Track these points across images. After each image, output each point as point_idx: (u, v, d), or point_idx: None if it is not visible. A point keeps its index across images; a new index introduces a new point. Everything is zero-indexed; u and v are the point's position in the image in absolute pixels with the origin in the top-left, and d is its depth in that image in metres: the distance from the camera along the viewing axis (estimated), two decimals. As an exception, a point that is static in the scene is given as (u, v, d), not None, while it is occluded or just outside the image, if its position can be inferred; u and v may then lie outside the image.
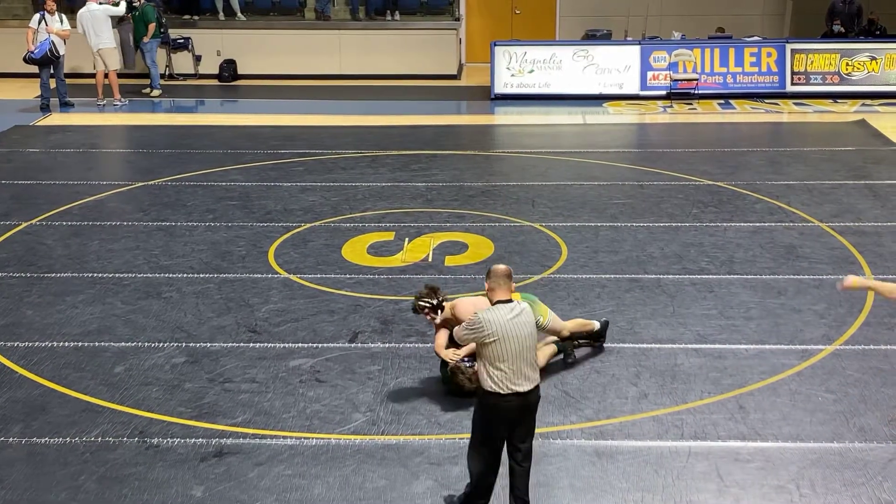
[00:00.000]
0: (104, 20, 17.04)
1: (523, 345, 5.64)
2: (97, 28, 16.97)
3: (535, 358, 5.76)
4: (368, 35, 20.31)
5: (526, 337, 5.66)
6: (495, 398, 5.61)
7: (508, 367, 5.60)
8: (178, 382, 7.44)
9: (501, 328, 5.60)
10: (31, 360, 7.80)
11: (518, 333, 5.63)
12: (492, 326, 5.61)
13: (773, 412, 6.98)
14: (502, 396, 5.59)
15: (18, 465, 6.37)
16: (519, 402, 5.63)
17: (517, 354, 5.61)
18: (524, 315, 5.71)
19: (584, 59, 18.08)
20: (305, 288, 9.19)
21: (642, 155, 14.25)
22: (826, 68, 18.08)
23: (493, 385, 5.60)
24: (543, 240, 10.44)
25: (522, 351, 5.63)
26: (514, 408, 5.63)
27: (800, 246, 10.20)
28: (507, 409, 5.62)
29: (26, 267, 9.75)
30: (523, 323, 5.68)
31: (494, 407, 5.63)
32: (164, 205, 11.68)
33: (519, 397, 5.62)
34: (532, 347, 5.71)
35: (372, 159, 13.73)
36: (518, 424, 5.71)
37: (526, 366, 5.65)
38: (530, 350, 5.69)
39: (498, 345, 5.59)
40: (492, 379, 5.61)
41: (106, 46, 17.10)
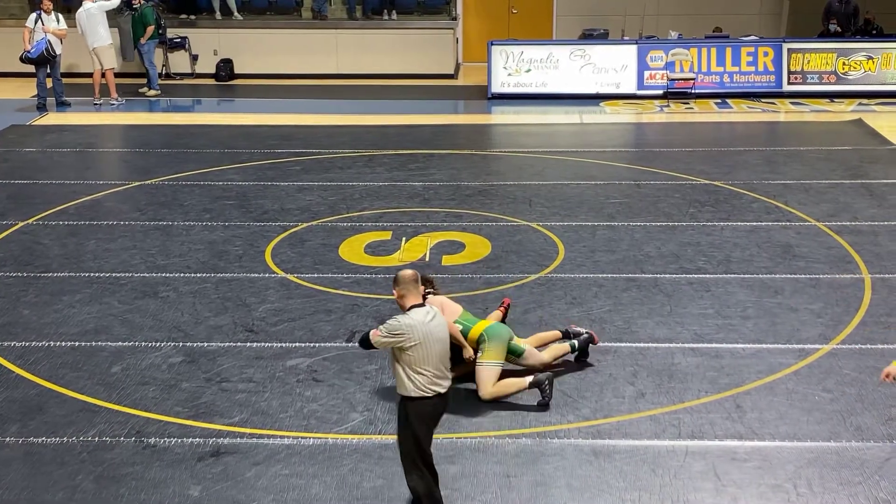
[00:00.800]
0: (99, 18, 17.02)
1: (443, 346, 5.76)
2: (92, 27, 16.95)
3: (447, 360, 5.83)
4: (365, 34, 20.30)
5: (444, 339, 5.79)
6: (421, 403, 5.68)
7: (431, 370, 5.69)
8: (175, 382, 7.44)
9: (421, 332, 5.67)
10: (27, 359, 7.80)
11: (437, 336, 5.74)
12: (413, 331, 5.65)
13: (770, 411, 6.99)
14: (428, 399, 5.68)
15: (15, 465, 6.37)
16: (442, 402, 5.76)
17: (438, 356, 5.71)
18: (438, 317, 5.83)
19: (581, 59, 18.08)
20: (302, 287, 9.19)
21: (639, 154, 14.26)
22: (823, 68, 18.10)
23: (416, 390, 5.67)
24: (540, 239, 10.44)
25: (442, 353, 5.74)
26: (439, 408, 5.77)
27: (797, 245, 10.21)
28: (434, 411, 5.74)
29: (23, 266, 9.74)
30: (439, 325, 5.79)
31: (422, 413, 5.70)
32: (160, 204, 11.68)
33: (441, 398, 5.74)
34: (448, 349, 5.82)
35: (369, 159, 13.73)
36: (436, 426, 5.85)
37: (444, 367, 5.77)
38: (447, 351, 5.80)
39: (420, 349, 5.65)
40: (414, 383, 5.68)
41: (101, 45, 17.07)
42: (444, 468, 6.31)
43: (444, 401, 5.77)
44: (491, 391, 7.11)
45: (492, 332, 7.25)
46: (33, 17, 16.52)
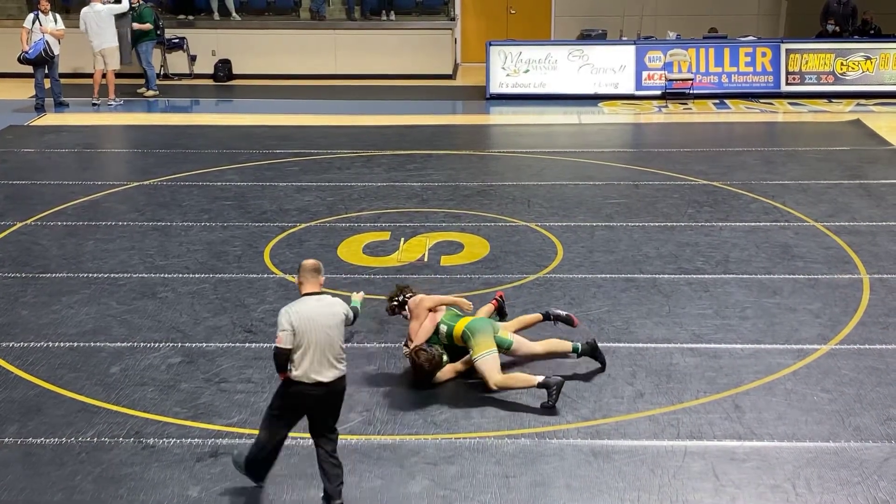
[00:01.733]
0: (108, 20, 17.02)
1: (327, 335, 5.78)
2: (101, 28, 16.95)
3: (340, 349, 5.86)
4: (364, 35, 20.30)
5: (331, 327, 5.81)
6: (299, 386, 5.79)
7: (311, 357, 5.74)
8: (174, 383, 7.44)
9: (302, 320, 5.76)
10: (26, 360, 7.79)
11: (322, 324, 5.78)
12: (291, 317, 5.78)
13: (769, 412, 6.99)
14: (306, 385, 5.77)
15: (14, 466, 6.36)
16: (322, 391, 5.80)
17: (320, 344, 5.76)
18: (332, 307, 5.88)
19: (580, 59, 18.09)
20: (301, 288, 9.18)
21: (637, 155, 14.27)
22: (821, 68, 18.11)
23: (297, 374, 5.76)
24: (539, 239, 10.45)
25: (326, 340, 5.77)
26: (318, 396, 5.81)
27: (795, 245, 10.22)
28: (311, 398, 5.81)
29: (21, 267, 9.73)
30: (329, 314, 5.83)
31: (298, 395, 5.82)
32: (159, 205, 11.67)
33: (322, 387, 5.79)
34: (337, 338, 5.84)
35: (367, 159, 13.73)
36: (324, 413, 5.90)
37: (331, 356, 5.80)
38: (334, 341, 5.82)
39: (299, 336, 5.74)
40: (297, 367, 5.75)
41: (109, 46, 17.09)
42: (443, 468, 6.32)
43: (326, 389, 5.82)
44: (498, 379, 7.13)
45: (474, 327, 7.33)
46: (31, 18, 16.50)
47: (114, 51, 17.23)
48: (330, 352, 5.80)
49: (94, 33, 16.96)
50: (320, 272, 6.01)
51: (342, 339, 5.90)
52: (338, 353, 5.85)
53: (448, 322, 7.44)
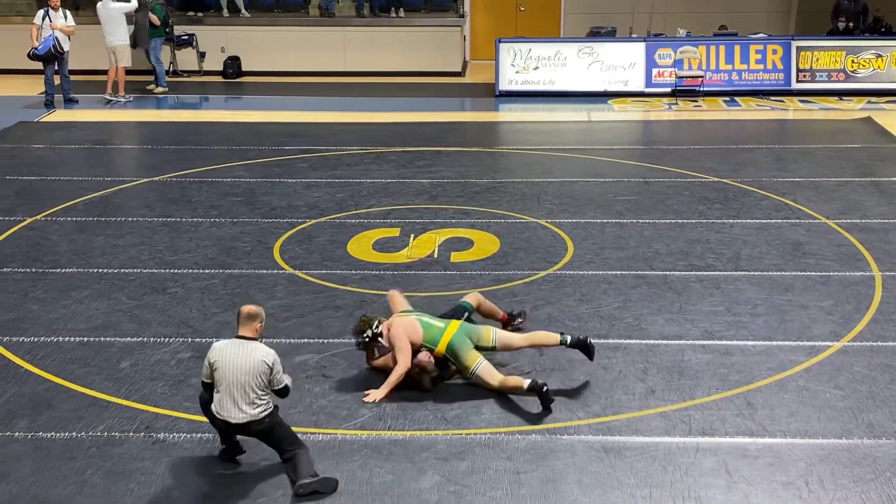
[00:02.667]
0: (119, 18, 17.05)
1: (238, 380, 5.98)
2: (112, 25, 17.00)
3: (255, 395, 6.02)
4: (373, 32, 20.29)
5: (245, 373, 5.99)
6: (217, 418, 6.12)
7: (221, 395, 6.04)
8: (184, 377, 7.42)
9: (223, 358, 6.03)
10: (36, 354, 7.79)
11: (237, 367, 5.99)
12: (215, 354, 6.07)
13: (781, 408, 6.95)
14: (217, 417, 6.10)
15: (24, 460, 6.35)
16: (229, 427, 6.11)
17: (230, 385, 5.99)
18: (252, 354, 6.04)
19: (589, 56, 18.07)
20: (311, 283, 9.17)
21: (647, 152, 14.23)
22: (831, 65, 18.06)
23: (214, 406, 6.11)
24: (549, 236, 10.42)
25: (235, 385, 5.98)
26: (234, 429, 6.11)
27: (806, 243, 10.18)
28: (229, 429, 6.13)
29: (31, 262, 9.73)
30: (247, 360, 6.02)
31: (219, 424, 6.17)
32: (168, 201, 11.67)
33: (228, 425, 6.08)
34: (248, 385, 5.99)
35: (376, 156, 13.72)
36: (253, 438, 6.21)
37: (240, 399, 6.00)
38: (244, 386, 5.99)
39: (217, 372, 6.03)
40: (215, 401, 6.10)
41: (120, 43, 17.12)
42: (454, 464, 6.30)
43: (233, 428, 6.08)
44: (499, 381, 7.09)
45: (452, 348, 7.19)
46: (41, 14, 16.53)
47: (124, 48, 17.26)
48: (240, 395, 5.98)
49: (106, 30, 16.99)
50: (256, 318, 6.17)
51: (258, 386, 6.01)
52: (250, 398, 6.00)
53: (429, 344, 7.26)
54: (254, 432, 6.09)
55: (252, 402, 6.01)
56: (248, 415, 6.01)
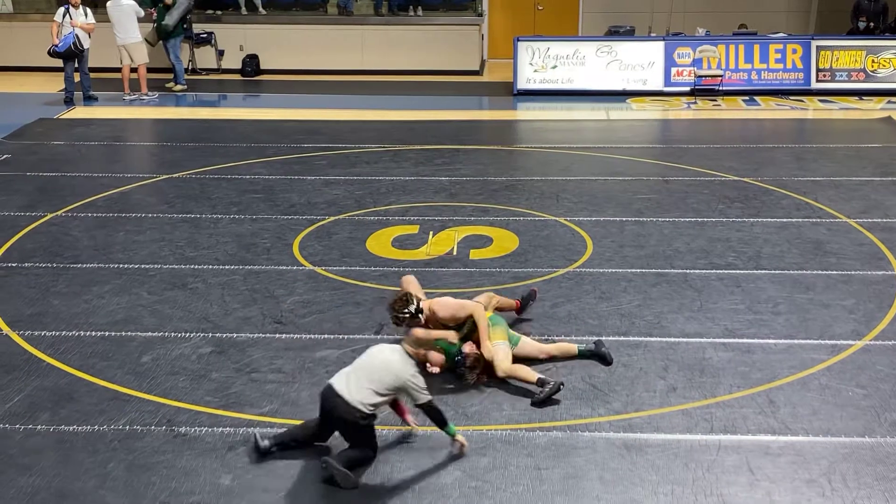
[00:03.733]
0: (131, 15, 17.10)
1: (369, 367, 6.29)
2: (123, 23, 17.03)
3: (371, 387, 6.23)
4: (391, 31, 20.30)
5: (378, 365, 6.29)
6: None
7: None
8: (205, 372, 7.45)
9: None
10: (58, 348, 7.83)
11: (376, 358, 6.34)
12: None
13: (804, 406, 6.92)
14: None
15: (47, 453, 6.39)
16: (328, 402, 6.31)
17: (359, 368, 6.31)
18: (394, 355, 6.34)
19: (608, 55, 18.02)
20: (330, 280, 9.18)
21: (667, 150, 14.19)
22: (851, 65, 17.97)
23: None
24: (568, 234, 10.40)
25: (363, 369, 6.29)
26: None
27: (828, 242, 10.13)
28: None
29: (53, 257, 9.78)
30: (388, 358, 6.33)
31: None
32: (188, 197, 11.71)
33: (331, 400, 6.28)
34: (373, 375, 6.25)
35: (395, 153, 13.72)
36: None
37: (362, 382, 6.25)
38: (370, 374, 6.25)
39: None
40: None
41: (132, 41, 17.16)
42: (475, 460, 6.30)
43: (327, 391, 6.28)
44: (506, 367, 7.17)
45: (492, 319, 7.45)
46: (61, 12, 16.60)
47: (138, 46, 17.31)
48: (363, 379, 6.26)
49: (117, 28, 17.06)
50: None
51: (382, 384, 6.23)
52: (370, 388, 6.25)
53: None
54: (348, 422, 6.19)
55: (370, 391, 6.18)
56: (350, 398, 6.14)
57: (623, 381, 7.31)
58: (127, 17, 17.05)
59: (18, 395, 7.08)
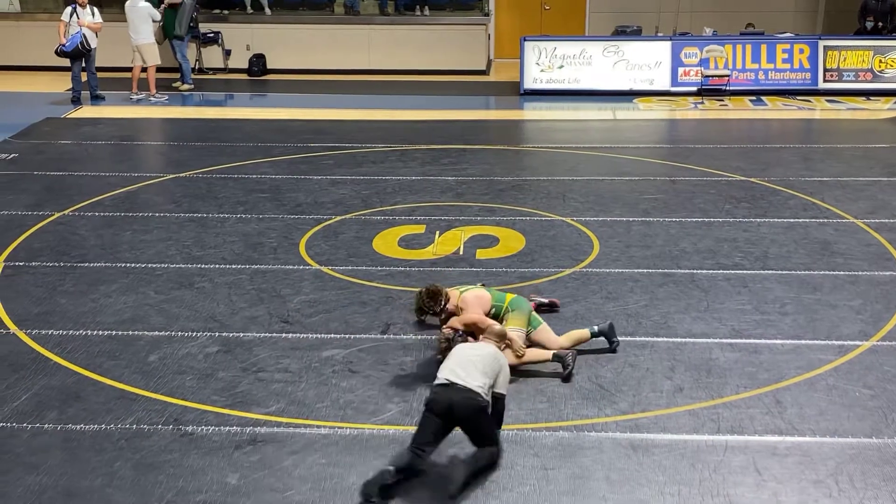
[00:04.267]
0: (145, 17, 17.16)
1: (467, 357, 6.37)
2: (137, 24, 17.11)
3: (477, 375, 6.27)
4: (397, 30, 20.32)
5: (475, 354, 6.37)
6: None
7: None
8: (212, 371, 7.46)
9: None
10: (65, 347, 7.85)
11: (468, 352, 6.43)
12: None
13: (811, 407, 6.92)
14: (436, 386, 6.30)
15: (54, 451, 6.41)
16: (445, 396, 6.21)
17: (459, 360, 6.33)
18: (485, 347, 6.52)
19: (615, 55, 18.02)
20: (337, 279, 9.19)
21: (673, 151, 14.19)
22: (859, 65, 17.96)
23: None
24: (575, 234, 10.40)
25: (462, 359, 6.34)
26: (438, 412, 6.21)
27: (835, 242, 10.12)
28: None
29: (60, 256, 9.81)
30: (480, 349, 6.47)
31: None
32: (195, 196, 11.73)
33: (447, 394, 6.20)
34: (475, 363, 6.32)
35: (401, 153, 13.74)
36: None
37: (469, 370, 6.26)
38: (472, 362, 6.31)
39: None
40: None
41: (144, 42, 17.22)
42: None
43: (443, 391, 6.18)
44: (524, 354, 7.30)
45: (514, 303, 7.52)
46: (68, 11, 16.64)
47: (150, 46, 17.35)
48: (469, 368, 6.31)
49: (131, 28, 17.10)
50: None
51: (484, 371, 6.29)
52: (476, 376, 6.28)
53: (496, 301, 7.54)
54: (467, 415, 6.14)
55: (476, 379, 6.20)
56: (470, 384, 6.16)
57: (630, 381, 7.30)
58: (141, 18, 17.11)
59: (26, 394, 7.10)
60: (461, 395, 6.10)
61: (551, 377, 7.33)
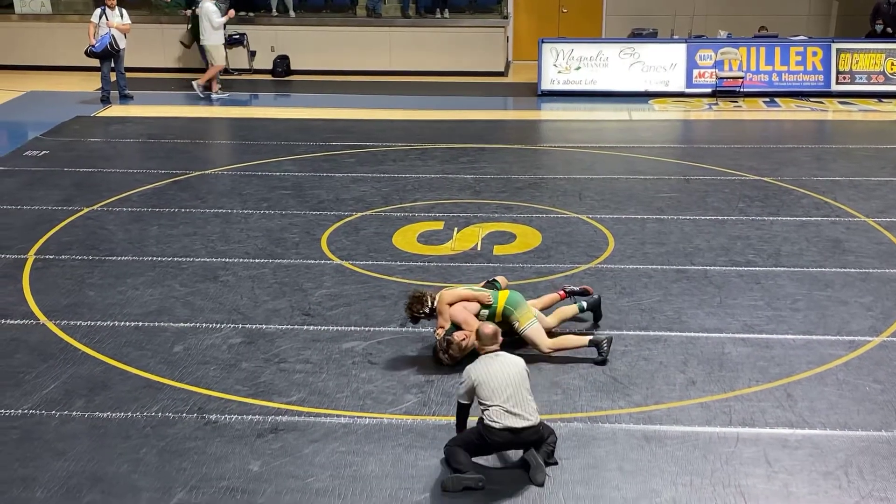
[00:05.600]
0: (208, 19, 17.42)
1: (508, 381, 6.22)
2: (204, 25, 17.41)
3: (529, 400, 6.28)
4: (418, 32, 20.46)
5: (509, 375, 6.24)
6: (488, 430, 6.20)
7: (498, 403, 6.20)
8: (235, 362, 7.63)
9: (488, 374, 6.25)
10: (93, 338, 8.03)
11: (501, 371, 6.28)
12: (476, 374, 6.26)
13: (821, 401, 7.03)
14: (494, 429, 6.16)
15: (81, 438, 6.57)
16: (509, 436, 6.20)
17: (504, 391, 6.20)
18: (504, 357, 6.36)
19: (631, 57, 18.13)
20: (357, 274, 9.36)
21: (688, 150, 14.29)
22: (871, 68, 18.01)
23: (487, 420, 6.18)
24: (590, 231, 10.54)
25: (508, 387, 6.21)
26: (503, 439, 6.23)
27: (846, 240, 10.22)
28: (495, 441, 6.26)
29: (88, 250, 10.01)
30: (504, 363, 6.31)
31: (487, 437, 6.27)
32: (220, 193, 11.93)
33: (511, 432, 6.17)
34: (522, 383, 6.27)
35: (421, 152, 13.90)
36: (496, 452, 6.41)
37: (517, 402, 6.20)
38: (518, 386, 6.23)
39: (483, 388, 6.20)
40: (484, 414, 6.20)
41: (210, 43, 17.55)
42: (497, 448, 6.45)
43: (513, 435, 6.12)
44: (549, 344, 7.54)
45: (513, 302, 7.67)
46: (98, 13, 16.85)
47: (216, 48, 17.62)
48: (516, 399, 6.23)
49: (201, 29, 17.40)
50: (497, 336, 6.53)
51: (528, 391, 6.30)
52: (527, 398, 6.28)
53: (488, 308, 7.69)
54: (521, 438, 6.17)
55: (527, 401, 6.20)
56: (530, 419, 6.13)
57: (643, 374, 7.44)
58: (204, 20, 17.39)
59: (54, 383, 7.29)
60: (536, 431, 6.17)
61: (566, 370, 7.47)
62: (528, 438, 6.14)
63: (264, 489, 6.04)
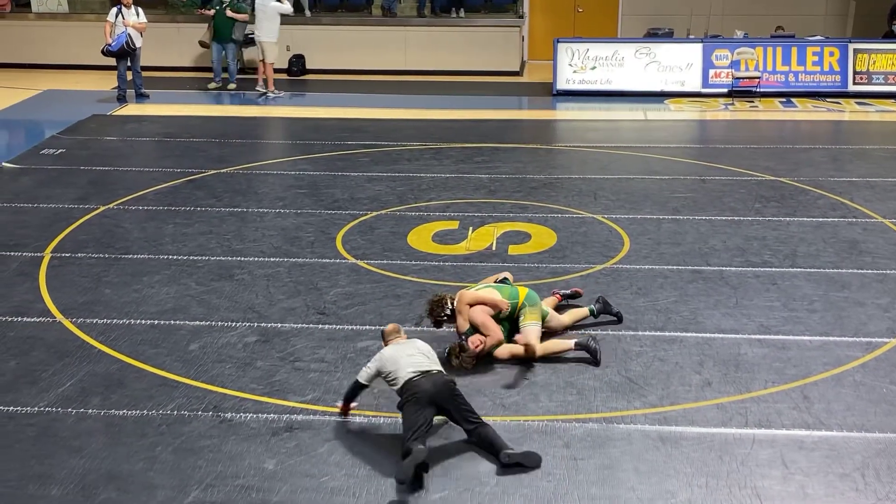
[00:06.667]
0: (272, 15, 17.48)
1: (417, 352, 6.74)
2: (263, 20, 17.45)
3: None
4: (433, 32, 20.47)
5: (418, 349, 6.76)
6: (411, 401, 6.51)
7: (406, 364, 6.61)
8: (250, 360, 7.65)
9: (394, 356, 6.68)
10: (109, 336, 8.06)
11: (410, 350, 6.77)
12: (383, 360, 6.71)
13: (838, 402, 7.00)
14: (417, 378, 6.52)
15: (97, 435, 6.60)
16: (433, 385, 6.50)
17: (409, 360, 6.63)
18: (416, 343, 6.85)
19: (647, 57, 18.09)
20: (372, 273, 9.37)
21: (704, 151, 14.25)
22: (888, 68, 17.93)
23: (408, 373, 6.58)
24: (606, 231, 10.52)
25: (414, 357, 6.66)
26: (426, 398, 6.46)
27: (863, 241, 10.17)
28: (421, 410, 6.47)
29: (104, 248, 10.05)
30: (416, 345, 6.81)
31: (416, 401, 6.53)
32: (235, 192, 11.95)
33: (431, 381, 6.51)
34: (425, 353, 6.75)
35: (436, 151, 13.90)
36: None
37: (423, 360, 6.65)
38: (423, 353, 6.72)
39: (391, 364, 6.63)
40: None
41: (266, 40, 17.57)
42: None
43: (427, 380, 6.46)
44: (539, 347, 7.57)
45: (530, 300, 7.79)
46: (114, 12, 16.91)
47: (271, 45, 17.65)
48: (420, 359, 6.67)
49: (258, 24, 17.49)
50: (400, 330, 7.04)
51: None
52: (430, 354, 6.80)
53: (511, 301, 7.75)
54: (450, 396, 6.40)
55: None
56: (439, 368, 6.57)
57: (659, 375, 7.42)
58: (267, 15, 17.44)
59: (70, 381, 7.32)
60: (445, 379, 6.47)
61: (581, 370, 7.46)
62: (442, 387, 6.37)
63: (279, 488, 6.05)
